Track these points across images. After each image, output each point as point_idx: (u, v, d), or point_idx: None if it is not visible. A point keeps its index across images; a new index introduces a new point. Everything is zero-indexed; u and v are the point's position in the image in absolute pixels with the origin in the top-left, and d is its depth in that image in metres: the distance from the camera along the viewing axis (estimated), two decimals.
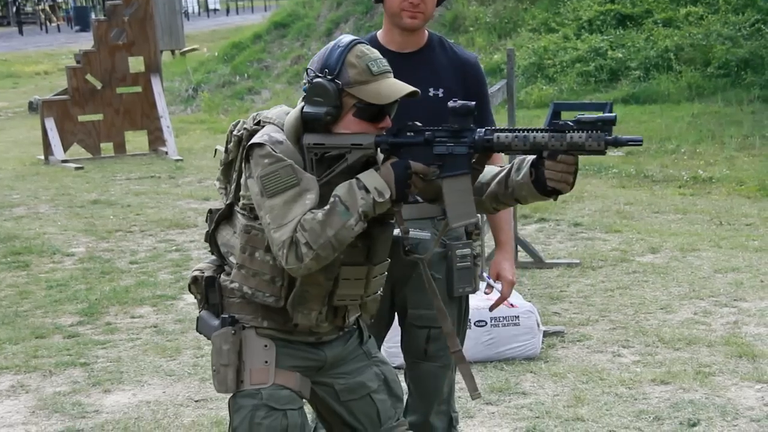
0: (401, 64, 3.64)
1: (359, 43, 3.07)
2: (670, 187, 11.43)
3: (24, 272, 8.42)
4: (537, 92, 17.54)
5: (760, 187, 11.15)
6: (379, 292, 3.28)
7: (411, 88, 3.04)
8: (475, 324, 5.99)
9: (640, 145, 2.96)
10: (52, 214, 10.80)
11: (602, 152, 2.96)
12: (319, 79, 3.02)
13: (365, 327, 3.39)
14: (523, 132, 2.99)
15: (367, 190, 2.96)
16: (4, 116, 21.63)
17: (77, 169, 13.78)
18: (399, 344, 4.14)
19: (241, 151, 3.12)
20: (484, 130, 3.01)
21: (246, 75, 21.77)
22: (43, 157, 14.58)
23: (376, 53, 3.07)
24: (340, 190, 2.98)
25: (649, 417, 5.16)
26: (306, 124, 3.05)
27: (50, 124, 14.50)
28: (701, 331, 6.44)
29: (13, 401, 5.67)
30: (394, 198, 3.00)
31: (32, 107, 20.88)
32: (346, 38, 3.09)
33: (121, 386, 5.82)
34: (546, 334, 6.34)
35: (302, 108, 3.05)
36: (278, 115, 3.13)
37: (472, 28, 20.33)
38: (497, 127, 3.04)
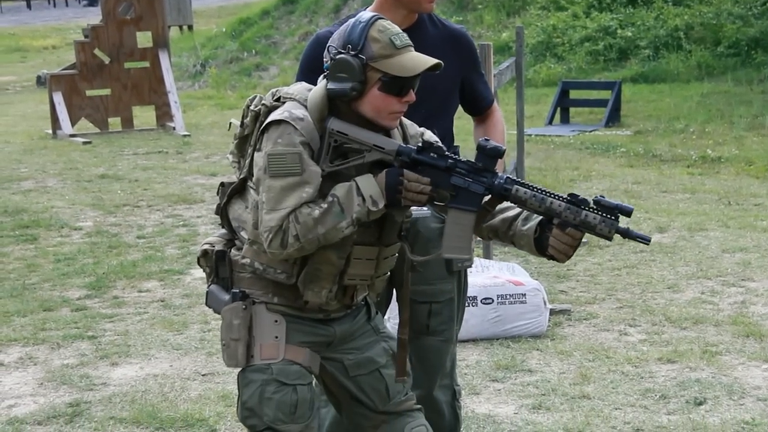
0: None
1: (380, 18, 3.07)
2: (679, 166, 11.41)
3: (32, 245, 8.44)
4: (545, 71, 17.51)
5: None
6: (388, 272, 3.29)
7: (434, 61, 3.04)
8: (481, 301, 6.00)
9: (647, 244, 3.02)
10: (60, 188, 10.81)
11: (609, 239, 3.03)
12: (342, 55, 3.02)
13: (373, 303, 3.40)
14: (542, 194, 3.01)
15: (364, 199, 2.98)
16: (12, 90, 21.64)
17: (85, 143, 13.78)
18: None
19: (258, 126, 3.12)
20: (505, 178, 3.04)
21: (254, 51, 21.75)
22: (51, 132, 14.59)
23: (396, 28, 3.08)
24: (340, 190, 3.00)
25: (656, 395, 5.17)
26: (331, 100, 3.05)
27: (58, 98, 14.50)
28: (708, 311, 6.44)
29: (21, 373, 5.69)
30: (386, 204, 3.02)
31: (40, 81, 20.89)
32: (366, 14, 3.09)
33: (128, 359, 5.84)
34: (552, 312, 6.34)
35: (326, 85, 3.05)
36: (299, 91, 3.13)
37: (480, 5, 20.28)
38: (520, 180, 3.05)
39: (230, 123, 3.31)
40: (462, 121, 4.40)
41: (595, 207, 3.01)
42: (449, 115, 4.02)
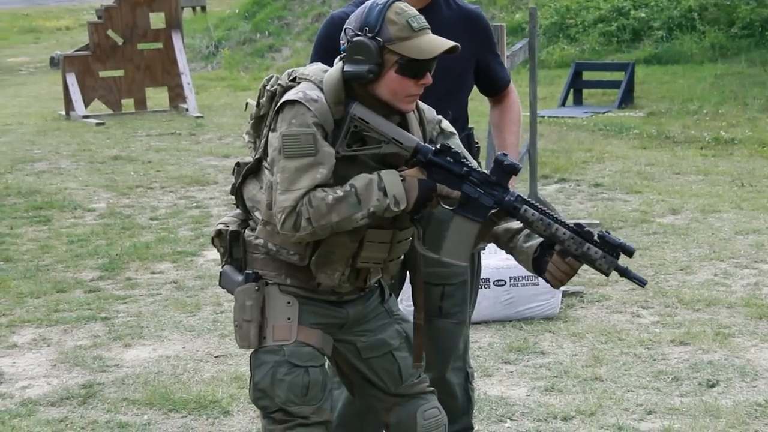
0: None
1: (397, 0, 3.06)
2: (692, 148, 11.38)
3: (45, 227, 8.46)
4: (559, 52, 17.46)
5: None
6: (401, 256, 3.29)
7: (451, 43, 3.05)
8: (494, 283, 6.00)
9: (643, 286, 3.09)
10: (74, 169, 10.83)
11: (606, 275, 3.08)
12: (359, 38, 3.02)
13: (386, 285, 3.40)
14: (549, 219, 3.04)
15: (386, 194, 2.98)
16: (25, 71, 21.66)
17: (98, 125, 13.79)
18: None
19: (274, 106, 3.12)
20: (516, 196, 3.06)
21: (267, 32, 21.71)
22: (64, 113, 14.60)
23: (413, 10, 3.07)
24: (359, 181, 3.00)
25: (668, 377, 5.17)
26: (347, 83, 3.04)
27: (71, 79, 14.51)
28: (721, 293, 6.43)
29: (35, 354, 5.71)
30: (407, 210, 3.04)
31: (53, 62, 20.90)
32: None
33: (141, 341, 5.86)
34: (565, 294, 6.34)
35: (343, 67, 3.04)
36: (315, 72, 3.13)
37: None
38: (530, 200, 3.08)
39: (246, 103, 3.32)
40: (475, 103, 4.38)
41: (598, 241, 3.04)
42: (464, 96, 4.01)
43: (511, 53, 7.59)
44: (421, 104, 3.23)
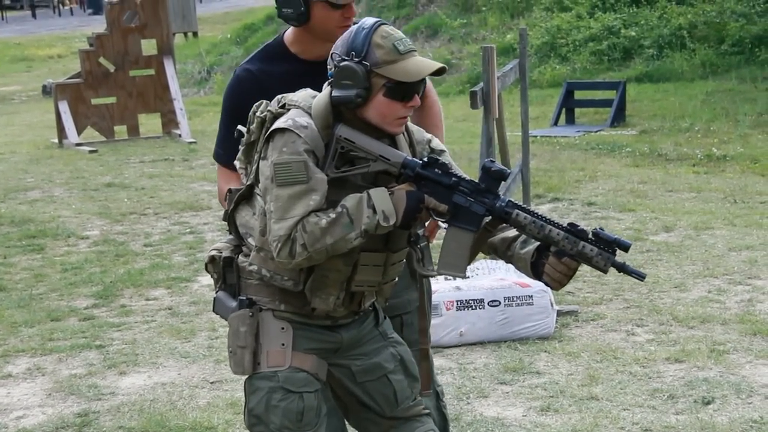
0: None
1: (383, 24, 3.07)
2: (684, 165, 11.40)
3: (39, 255, 8.46)
4: (550, 72, 17.50)
5: None
6: (396, 278, 3.29)
7: (438, 65, 3.05)
8: (488, 304, 6.00)
9: (642, 280, 3.07)
10: (67, 197, 10.83)
11: (604, 272, 3.07)
12: (346, 62, 3.02)
13: (380, 308, 3.40)
14: (542, 221, 3.04)
15: (375, 211, 2.99)
16: (18, 100, 21.68)
17: (91, 152, 13.81)
18: None
19: (264, 132, 3.12)
20: (507, 201, 3.06)
21: None
22: (57, 141, 14.62)
23: (400, 33, 3.08)
24: (350, 201, 3.00)
25: (664, 395, 5.17)
26: (335, 108, 3.05)
27: (64, 107, 14.53)
28: (715, 309, 6.44)
29: (29, 384, 5.70)
30: (397, 225, 3.04)
31: (46, 91, 20.93)
32: (369, 20, 3.09)
33: (136, 368, 5.85)
34: (560, 313, 6.34)
35: (330, 92, 3.05)
36: (304, 98, 3.13)
37: (484, 8, 20.27)
38: (521, 204, 3.07)
39: (237, 130, 3.32)
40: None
41: (593, 239, 3.04)
42: None
43: (502, 74, 7.61)
44: (411, 125, 3.24)
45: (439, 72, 3.06)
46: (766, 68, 15.75)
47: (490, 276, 6.26)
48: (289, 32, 3.74)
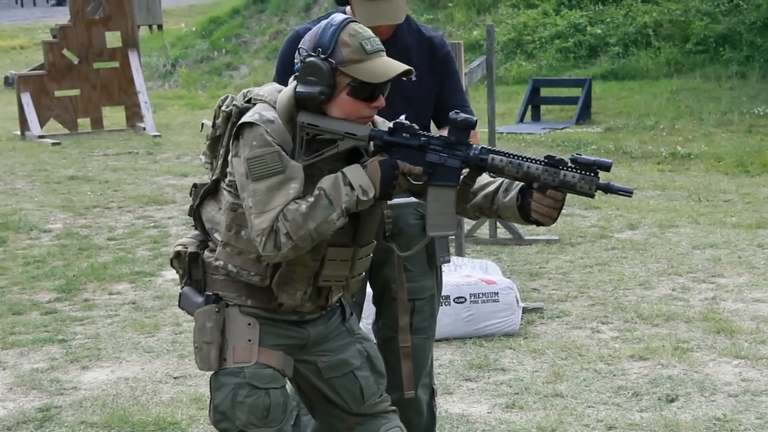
0: None
1: (352, 21, 3.04)
2: (649, 163, 11.46)
3: (0, 249, 8.37)
4: (516, 68, 17.54)
5: (737, 164, 11.19)
6: (363, 273, 3.28)
7: (405, 67, 3.03)
8: (454, 300, 6.00)
9: (630, 196, 3.01)
10: (29, 190, 10.74)
11: (591, 196, 3.01)
12: (312, 59, 3.00)
13: (347, 304, 3.39)
14: (518, 159, 2.99)
15: (352, 187, 2.96)
16: None
17: (54, 144, 13.70)
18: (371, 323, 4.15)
19: (230, 127, 3.10)
20: (480, 148, 3.02)
21: (224, 50, 21.67)
22: (19, 133, 14.49)
23: (369, 32, 3.05)
24: (326, 183, 2.97)
25: (628, 393, 5.18)
26: (299, 103, 3.02)
27: (26, 99, 14.40)
28: (679, 307, 6.47)
29: None
30: (377, 197, 3.00)
31: (8, 82, 20.74)
32: (338, 17, 3.06)
33: (99, 363, 5.80)
34: (525, 310, 6.35)
35: (295, 87, 3.02)
36: (270, 92, 3.10)
37: (451, 4, 20.29)
38: (494, 148, 3.03)
39: (202, 124, 3.29)
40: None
41: (573, 165, 2.99)
42: (422, 122, 3.95)
43: (468, 70, 7.61)
44: (377, 118, 3.20)
45: (405, 74, 3.04)
46: (730, 67, 15.87)
47: (456, 273, 6.26)
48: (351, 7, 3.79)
